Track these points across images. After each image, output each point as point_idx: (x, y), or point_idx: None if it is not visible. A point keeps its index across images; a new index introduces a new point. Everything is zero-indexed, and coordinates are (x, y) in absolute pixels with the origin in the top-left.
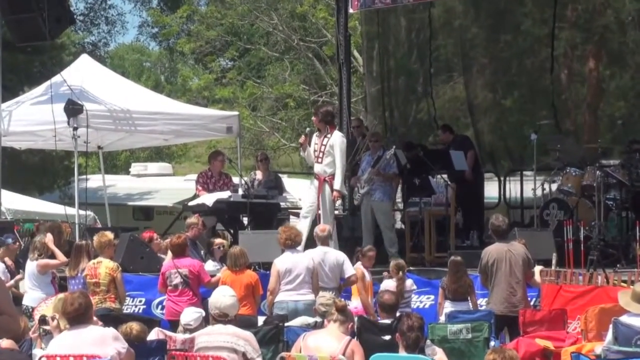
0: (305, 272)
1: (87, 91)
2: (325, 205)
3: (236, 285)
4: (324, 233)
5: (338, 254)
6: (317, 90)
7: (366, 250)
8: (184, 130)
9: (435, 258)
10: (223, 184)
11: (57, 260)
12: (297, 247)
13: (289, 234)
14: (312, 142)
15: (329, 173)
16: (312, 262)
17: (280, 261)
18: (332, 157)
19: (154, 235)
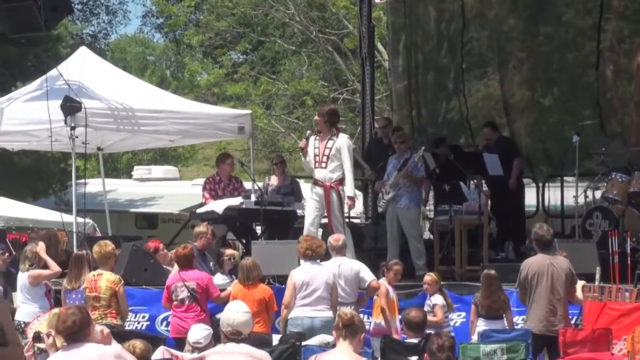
0: (323, 287)
1: (85, 87)
2: (335, 215)
3: (248, 301)
4: (339, 243)
5: (353, 263)
6: (338, 87)
7: (392, 264)
8: (191, 131)
9: (466, 271)
10: (233, 189)
11: (50, 270)
12: (317, 259)
13: (310, 244)
14: (312, 147)
15: (335, 179)
16: (332, 277)
17: (298, 273)
18: (338, 161)
19: (159, 245)
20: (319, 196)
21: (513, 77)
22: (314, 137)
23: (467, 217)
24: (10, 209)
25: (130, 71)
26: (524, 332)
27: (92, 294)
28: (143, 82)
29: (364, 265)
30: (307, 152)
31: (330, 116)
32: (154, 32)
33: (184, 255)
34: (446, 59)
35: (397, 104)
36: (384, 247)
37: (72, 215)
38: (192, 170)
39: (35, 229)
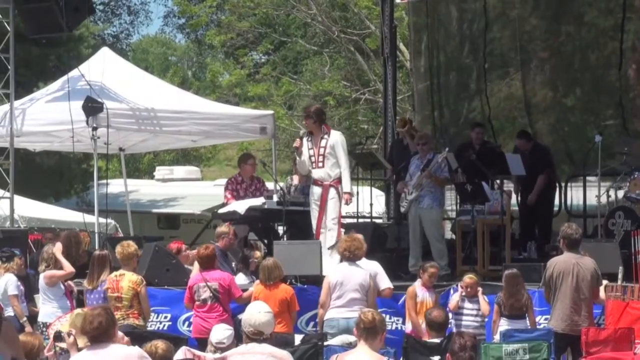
0: (357, 288)
1: (107, 88)
2: (328, 212)
3: (270, 301)
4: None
5: (372, 264)
6: (359, 87)
7: (428, 266)
8: (213, 131)
9: (489, 271)
10: (255, 190)
11: (64, 271)
12: (356, 260)
13: (349, 245)
14: (305, 149)
15: (334, 177)
16: (367, 279)
17: (332, 273)
18: (334, 158)
19: (182, 246)
20: (318, 196)
21: (535, 77)
22: (306, 138)
23: (490, 217)
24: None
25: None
26: (546, 331)
27: (114, 295)
28: (165, 83)
29: (382, 269)
30: (302, 152)
31: (317, 115)
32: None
33: (206, 255)
34: (468, 59)
35: (419, 104)
36: (407, 247)
37: (94, 216)
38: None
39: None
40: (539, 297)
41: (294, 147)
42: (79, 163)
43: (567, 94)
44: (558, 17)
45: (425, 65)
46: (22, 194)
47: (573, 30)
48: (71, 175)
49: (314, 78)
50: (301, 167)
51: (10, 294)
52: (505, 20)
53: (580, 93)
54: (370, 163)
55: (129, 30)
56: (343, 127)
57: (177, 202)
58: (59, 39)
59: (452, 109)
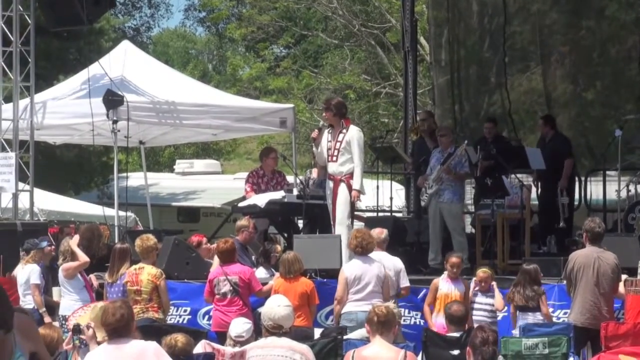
0: (375, 281)
1: (128, 81)
2: (341, 208)
3: (290, 294)
4: (381, 236)
5: (396, 260)
6: (380, 80)
7: (449, 256)
8: (233, 125)
9: (508, 265)
10: (276, 184)
11: (78, 261)
12: (368, 254)
13: (361, 240)
14: (324, 140)
15: (345, 172)
16: (383, 271)
17: (349, 268)
18: (348, 154)
19: (203, 239)
20: (331, 190)
21: (555, 71)
22: (327, 130)
23: (509, 211)
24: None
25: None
26: (565, 325)
27: (134, 288)
28: (185, 76)
29: (403, 266)
30: (320, 143)
31: (338, 108)
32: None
33: (226, 249)
34: (488, 53)
35: (439, 98)
36: (426, 241)
37: (114, 209)
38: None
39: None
40: (559, 291)
41: (312, 137)
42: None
43: (587, 88)
44: (578, 11)
45: (445, 59)
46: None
47: (593, 24)
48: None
49: (334, 71)
50: (319, 158)
51: (32, 283)
52: (526, 14)
53: (601, 87)
54: (390, 157)
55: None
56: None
57: (197, 196)
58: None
59: (472, 102)
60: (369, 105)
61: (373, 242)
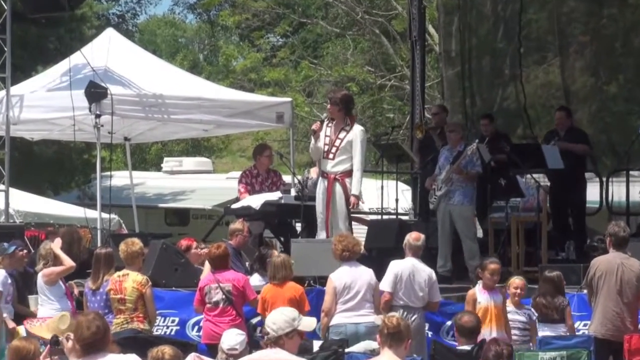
0: (366, 289)
1: (112, 72)
2: (336, 210)
3: (278, 301)
4: (418, 242)
5: (430, 271)
6: (385, 72)
7: (487, 262)
8: (226, 120)
9: (523, 273)
10: (272, 184)
11: (63, 266)
12: (355, 258)
13: (346, 244)
14: (323, 133)
15: (341, 171)
16: (374, 278)
17: (337, 276)
18: (347, 154)
19: (192, 243)
20: (324, 189)
21: (574, 63)
22: (327, 123)
23: (525, 214)
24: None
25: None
26: (585, 338)
27: (117, 296)
28: (174, 67)
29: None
30: (319, 137)
31: (344, 103)
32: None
33: (218, 255)
34: (502, 42)
35: (448, 91)
36: (435, 246)
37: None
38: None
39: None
40: (578, 301)
41: (312, 129)
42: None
43: (609, 81)
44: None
45: (456, 49)
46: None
47: (616, 12)
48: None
49: (335, 63)
50: (315, 153)
51: None
52: (543, 1)
53: (624, 80)
54: (396, 155)
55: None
56: (367, 115)
57: (186, 196)
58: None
59: (484, 96)
60: (372, 99)
61: (359, 244)
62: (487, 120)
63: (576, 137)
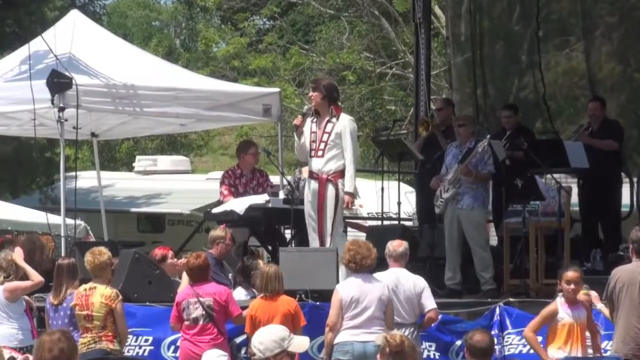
0: (376, 304)
1: (77, 59)
2: (327, 214)
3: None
4: (398, 250)
5: (417, 279)
6: (385, 59)
7: (567, 271)
8: (206, 113)
9: (543, 286)
10: (258, 185)
11: (30, 281)
12: (366, 271)
13: (354, 253)
14: (307, 130)
15: (334, 170)
16: (386, 292)
17: (344, 287)
18: (337, 149)
19: (168, 252)
20: (314, 192)
21: (601, 48)
22: (310, 118)
23: (545, 219)
24: None
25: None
26: None
27: (84, 313)
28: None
29: (427, 285)
30: (303, 133)
31: (328, 91)
32: None
33: (198, 265)
34: (518, 25)
35: (457, 81)
36: (442, 255)
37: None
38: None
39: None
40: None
41: (293, 124)
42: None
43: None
44: None
45: (465, 32)
46: None
47: None
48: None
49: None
50: (301, 153)
51: None
52: None
53: None
54: (398, 152)
55: None
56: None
57: (161, 200)
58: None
59: (498, 86)
60: (372, 90)
61: (371, 256)
62: (510, 112)
63: (611, 132)
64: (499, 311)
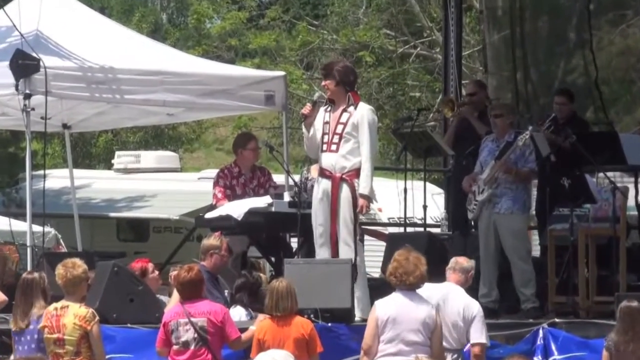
0: (418, 328)
1: (46, 37)
2: (344, 220)
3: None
4: (465, 264)
5: (470, 302)
6: (409, 38)
7: None
8: (198, 100)
9: (594, 304)
10: (258, 186)
11: None
12: (412, 288)
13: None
14: (319, 121)
15: (349, 168)
16: (433, 314)
17: (383, 305)
18: (354, 142)
19: (147, 266)
20: (326, 192)
21: None
22: (324, 107)
23: (596, 226)
24: None
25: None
26: None
27: (54, 336)
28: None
29: (482, 314)
30: (313, 124)
31: (343, 75)
32: None
33: (190, 280)
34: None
35: (493, 63)
36: (476, 268)
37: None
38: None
39: None
40: None
41: (301, 114)
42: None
43: None
44: None
45: (503, 6)
46: None
47: None
48: None
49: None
50: (311, 147)
51: None
52: None
53: None
54: (424, 147)
55: None
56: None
57: (145, 203)
58: None
59: (542, 69)
60: (392, 73)
61: (415, 272)
62: (564, 98)
63: None
64: (542, 334)
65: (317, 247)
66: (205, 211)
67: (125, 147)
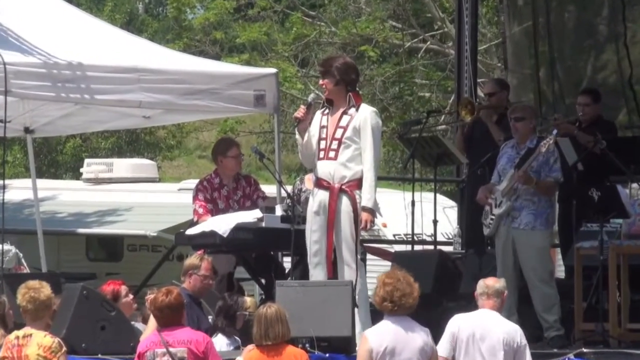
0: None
1: (5, 29)
2: (344, 236)
3: None
4: (497, 285)
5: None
6: (418, 30)
7: None
8: (178, 101)
9: (627, 332)
10: (244, 197)
11: None
12: (405, 313)
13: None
14: (316, 124)
15: (349, 177)
16: (430, 341)
17: (375, 335)
18: (356, 148)
19: (120, 288)
20: (322, 205)
21: None
22: (321, 110)
23: (629, 243)
24: None
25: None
26: None
27: None
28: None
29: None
30: (308, 128)
31: (343, 73)
32: None
33: (168, 304)
34: None
35: (514, 58)
36: None
37: None
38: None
39: None
40: None
41: (294, 117)
42: None
43: None
44: None
45: None
46: None
47: None
48: None
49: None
50: (306, 155)
51: None
52: None
53: None
54: (434, 154)
55: None
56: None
57: (118, 217)
58: None
59: (568, 65)
60: (399, 70)
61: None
62: (588, 98)
63: None
64: None
65: (312, 268)
66: (186, 227)
67: (96, 155)
